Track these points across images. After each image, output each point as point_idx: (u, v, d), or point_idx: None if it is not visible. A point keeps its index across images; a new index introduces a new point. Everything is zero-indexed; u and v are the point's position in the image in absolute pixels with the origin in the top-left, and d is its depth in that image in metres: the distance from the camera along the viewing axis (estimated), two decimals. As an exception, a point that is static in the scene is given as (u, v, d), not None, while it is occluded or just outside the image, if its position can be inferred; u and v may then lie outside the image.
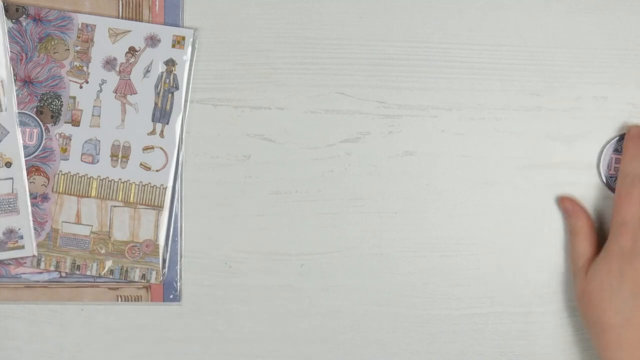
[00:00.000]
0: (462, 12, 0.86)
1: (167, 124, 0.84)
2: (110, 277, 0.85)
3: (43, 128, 0.83)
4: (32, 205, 0.84)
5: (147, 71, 0.84)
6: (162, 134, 0.84)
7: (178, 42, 0.84)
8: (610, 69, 0.87)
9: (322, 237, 0.86)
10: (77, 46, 0.83)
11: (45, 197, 0.84)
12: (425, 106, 0.86)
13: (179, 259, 0.85)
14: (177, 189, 0.85)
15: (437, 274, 0.87)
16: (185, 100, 0.84)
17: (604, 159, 0.86)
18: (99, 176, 0.84)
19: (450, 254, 0.87)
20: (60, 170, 0.84)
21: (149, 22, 0.84)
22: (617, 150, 0.86)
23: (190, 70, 0.84)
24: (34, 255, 0.84)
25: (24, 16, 0.83)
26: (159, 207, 0.84)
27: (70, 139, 0.84)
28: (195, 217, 0.85)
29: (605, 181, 0.86)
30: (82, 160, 0.84)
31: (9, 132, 0.83)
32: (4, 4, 0.82)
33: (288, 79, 0.85)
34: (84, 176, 0.84)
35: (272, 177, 0.85)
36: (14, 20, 0.83)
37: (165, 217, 0.84)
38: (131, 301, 0.85)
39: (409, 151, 0.86)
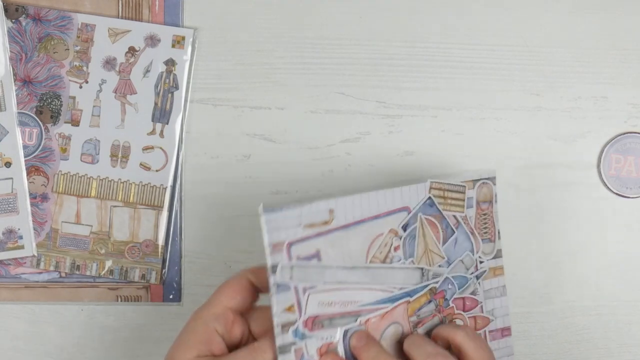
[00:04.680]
0: (462, 12, 0.86)
1: (167, 123, 0.84)
2: (110, 277, 0.85)
3: (43, 128, 0.83)
4: (32, 205, 0.83)
5: (147, 71, 0.84)
6: (162, 134, 0.84)
7: (178, 42, 0.84)
8: (610, 69, 0.87)
9: (322, 237, 0.86)
10: (77, 46, 0.83)
11: (45, 197, 0.84)
12: (425, 106, 0.86)
13: (179, 259, 0.85)
14: (177, 189, 0.84)
15: (437, 274, 0.87)
16: (185, 100, 0.84)
17: (604, 159, 0.86)
18: (98, 176, 0.84)
19: (450, 254, 0.87)
20: (60, 170, 0.84)
21: (148, 22, 0.84)
22: (617, 150, 0.86)
23: (190, 70, 0.84)
24: (33, 255, 0.84)
25: (24, 16, 0.83)
26: (158, 207, 0.84)
27: (70, 139, 0.84)
28: (195, 217, 0.85)
29: (605, 181, 0.86)
30: (81, 160, 0.84)
31: (8, 132, 0.83)
32: (3, 3, 0.82)
33: (288, 79, 0.85)
34: (84, 176, 0.84)
35: (272, 177, 0.85)
36: (13, 20, 0.83)
37: (165, 217, 0.84)
38: (131, 301, 0.85)
39: (409, 151, 0.86)
